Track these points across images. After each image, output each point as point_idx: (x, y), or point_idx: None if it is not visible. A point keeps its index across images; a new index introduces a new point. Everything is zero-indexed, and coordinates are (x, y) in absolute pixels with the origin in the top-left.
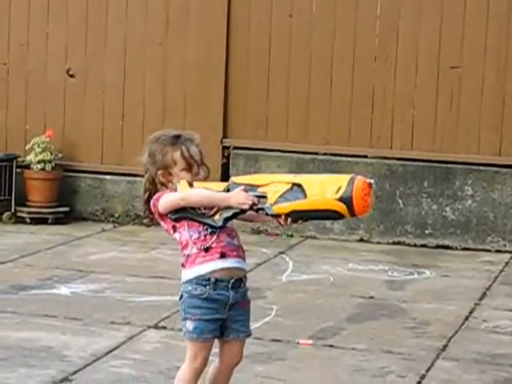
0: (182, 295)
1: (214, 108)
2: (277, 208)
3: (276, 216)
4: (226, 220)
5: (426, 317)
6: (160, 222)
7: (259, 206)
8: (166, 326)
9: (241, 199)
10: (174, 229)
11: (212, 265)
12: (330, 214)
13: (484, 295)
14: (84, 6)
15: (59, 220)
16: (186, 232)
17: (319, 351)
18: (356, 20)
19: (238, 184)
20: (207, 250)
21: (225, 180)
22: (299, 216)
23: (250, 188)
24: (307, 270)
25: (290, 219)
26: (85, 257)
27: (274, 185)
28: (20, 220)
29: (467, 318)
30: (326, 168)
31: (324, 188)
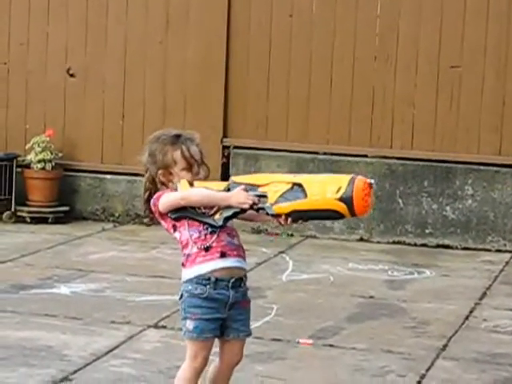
0: (182, 294)
1: (214, 108)
2: (277, 208)
3: (276, 216)
4: (227, 219)
5: (426, 316)
6: (160, 222)
7: (259, 205)
8: (166, 325)
9: (241, 199)
10: (175, 228)
11: (212, 264)
12: (330, 214)
13: (484, 295)
14: (84, 6)
15: (59, 219)
16: (186, 231)
17: (319, 351)
18: (356, 20)
19: (239, 183)
20: (207, 249)
21: (225, 179)
22: (299, 216)
23: (250, 187)
24: (307, 269)
25: (291, 219)
26: (85, 256)
27: (275, 184)
28: (20, 219)
29: (467, 318)
30: (326, 168)
31: (324, 188)
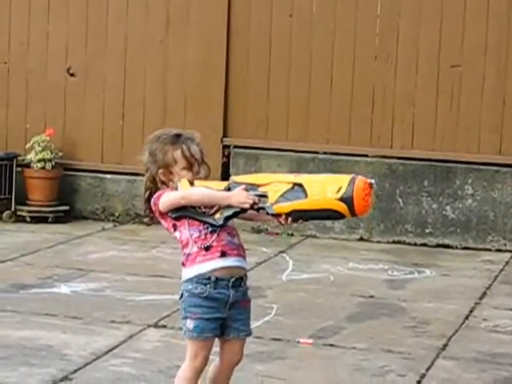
0: (182, 294)
1: (214, 107)
2: (277, 207)
3: (276, 215)
4: (227, 219)
5: (426, 316)
6: (160, 221)
7: (260, 205)
8: (166, 324)
9: (242, 198)
10: (175, 227)
11: (212, 263)
12: (330, 214)
13: (484, 294)
14: (84, 5)
15: (59, 219)
16: (186, 231)
17: (319, 350)
18: (356, 19)
19: (239, 183)
20: (208, 248)
21: (225, 179)
22: (300, 215)
23: (250, 187)
24: (307, 269)
25: (291, 219)
26: (85, 256)
27: (275, 184)
28: (20, 219)
29: (467, 317)
30: (327, 167)
31: (325, 188)
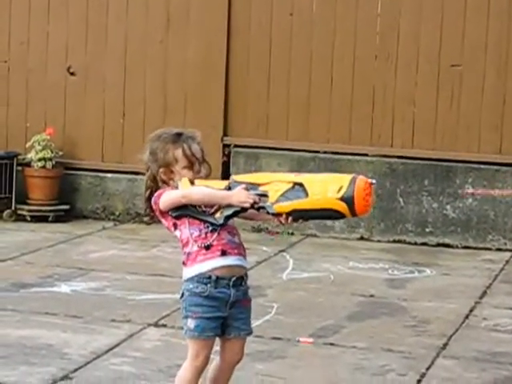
0: (183, 293)
1: (214, 106)
2: (278, 207)
3: (277, 215)
4: (227, 218)
5: (426, 315)
6: (161, 220)
7: (260, 204)
8: (167, 324)
9: (242, 197)
10: (175, 226)
11: (213, 263)
12: (331, 214)
13: (484, 293)
14: (84, 5)
15: (60, 218)
16: (186, 230)
17: (319, 349)
18: (356, 18)
19: (239, 182)
20: (208, 247)
21: (225, 178)
22: (300, 215)
23: (251, 186)
24: (308, 268)
25: (291, 218)
26: (85, 255)
27: (275, 184)
28: (20, 218)
29: (467, 317)
30: (327, 166)
31: (325, 187)
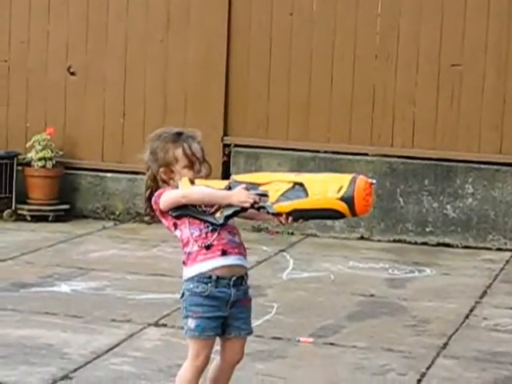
0: (183, 293)
1: (214, 106)
2: (278, 207)
3: (277, 214)
4: (227, 218)
5: (426, 315)
6: (161, 220)
7: (260, 204)
8: (167, 323)
9: (242, 197)
10: (175, 226)
11: (213, 262)
12: (331, 214)
13: (484, 293)
14: (85, 4)
15: (60, 217)
16: (187, 229)
17: (320, 349)
18: (357, 18)
19: (240, 182)
20: (208, 247)
21: (226, 178)
22: (300, 215)
23: (251, 186)
24: (308, 267)
25: (291, 218)
26: (85, 254)
27: (276, 183)
28: (20, 217)
29: (468, 316)
30: (327, 166)
31: (325, 187)
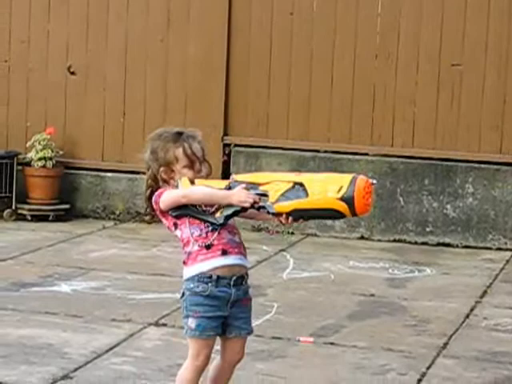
0: (183, 293)
1: (214, 106)
2: (278, 206)
3: (277, 214)
4: (227, 218)
5: (426, 314)
6: (161, 219)
7: (260, 204)
8: (167, 323)
9: (242, 197)
10: (175, 226)
11: (213, 262)
12: (331, 213)
13: (485, 293)
14: (85, 3)
15: (60, 217)
16: (187, 229)
17: (320, 349)
18: (357, 18)
19: (240, 182)
20: (208, 247)
21: (226, 178)
22: (300, 215)
23: (251, 186)
24: (308, 267)
25: (291, 218)
26: (85, 254)
27: (276, 183)
28: (21, 217)
29: (468, 316)
30: (327, 166)
31: (326, 187)
